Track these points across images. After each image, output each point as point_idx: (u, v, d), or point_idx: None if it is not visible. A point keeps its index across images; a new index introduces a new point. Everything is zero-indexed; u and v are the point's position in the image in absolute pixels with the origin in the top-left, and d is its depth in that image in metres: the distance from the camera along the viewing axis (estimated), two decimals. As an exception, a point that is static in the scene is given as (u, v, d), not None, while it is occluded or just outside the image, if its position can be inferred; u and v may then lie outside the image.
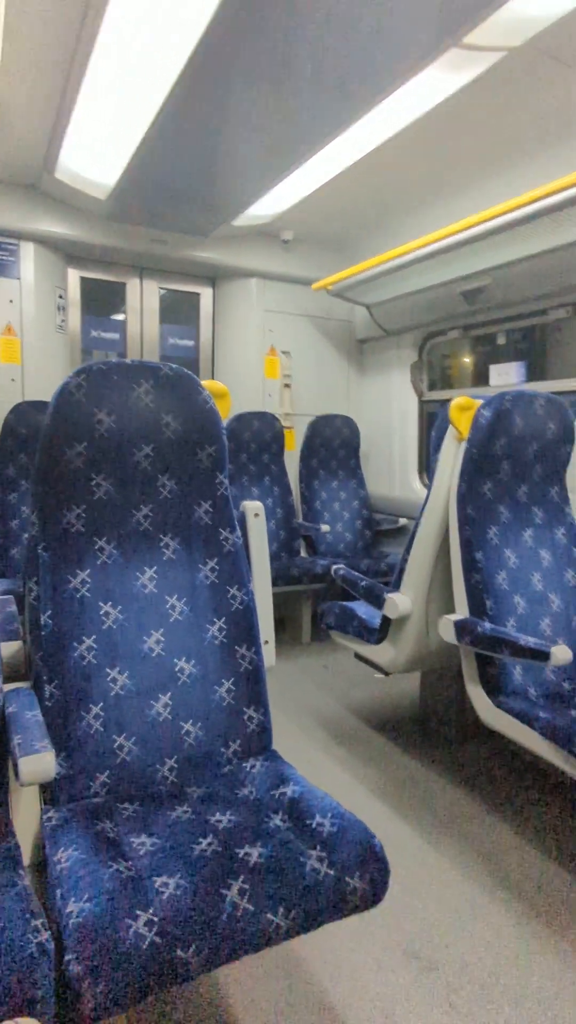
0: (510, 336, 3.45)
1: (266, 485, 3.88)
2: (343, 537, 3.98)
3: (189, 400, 1.47)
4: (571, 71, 2.09)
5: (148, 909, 0.96)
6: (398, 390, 4.04)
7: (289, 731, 2.63)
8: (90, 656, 1.35)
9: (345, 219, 3.55)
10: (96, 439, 1.40)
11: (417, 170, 2.89)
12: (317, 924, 1.04)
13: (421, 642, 2.18)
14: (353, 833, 1.13)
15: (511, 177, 2.75)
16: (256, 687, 1.49)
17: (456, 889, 1.71)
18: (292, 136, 2.54)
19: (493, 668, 1.85)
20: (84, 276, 3.72)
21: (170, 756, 1.37)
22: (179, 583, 1.48)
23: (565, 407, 2.06)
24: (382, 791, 2.18)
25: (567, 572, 2.03)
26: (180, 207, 3.27)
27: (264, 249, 3.86)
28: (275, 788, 1.30)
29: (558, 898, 1.68)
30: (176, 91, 2.20)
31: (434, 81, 2.16)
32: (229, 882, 1.02)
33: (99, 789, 1.30)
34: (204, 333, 4.13)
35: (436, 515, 2.08)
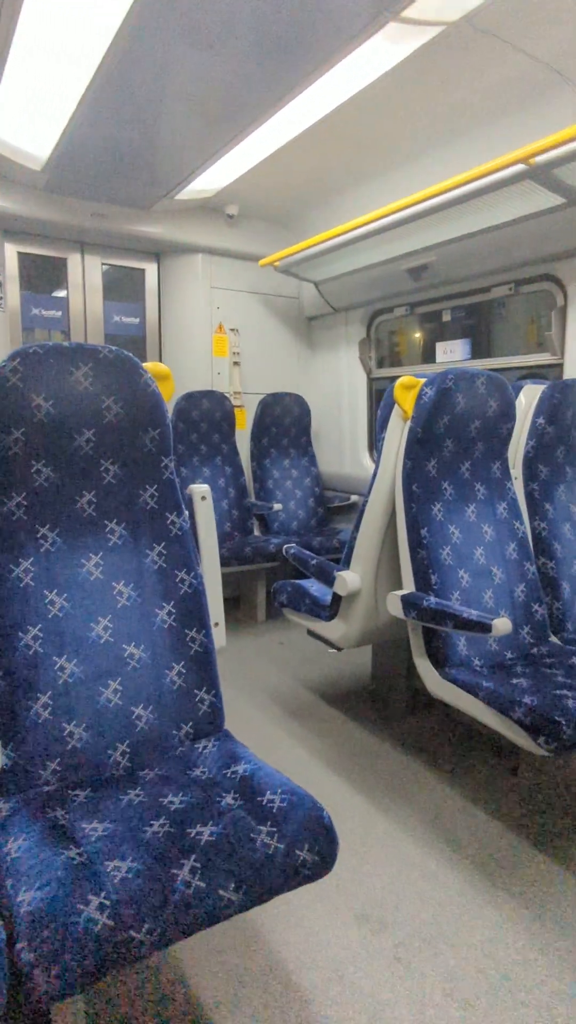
0: (455, 314, 3.49)
1: (217, 465, 3.86)
2: (296, 515, 4.01)
3: (130, 383, 1.45)
4: (507, 47, 2.10)
5: (100, 893, 0.97)
6: (347, 367, 4.06)
7: (245, 709, 2.66)
8: (36, 645, 1.34)
9: (290, 194, 3.51)
10: (34, 425, 1.36)
11: (361, 145, 2.87)
12: (269, 896, 1.08)
13: (371, 617, 2.24)
14: (303, 807, 1.16)
15: (453, 153, 2.76)
16: (207, 669, 1.50)
17: (404, 852, 1.79)
18: (234, 106, 2.48)
19: (439, 641, 1.91)
20: (22, 251, 3.57)
21: (122, 741, 1.38)
22: (126, 568, 1.47)
23: (506, 385, 2.11)
24: (334, 763, 2.24)
25: (508, 545, 2.11)
26: (120, 179, 3.17)
27: (209, 224, 3.78)
28: (227, 767, 1.32)
29: (499, 853, 1.77)
30: (110, 55, 2.11)
31: (374, 53, 2.15)
32: (181, 861, 1.04)
33: (50, 777, 1.29)
34: (150, 310, 4.04)
35: (383, 493, 2.12)
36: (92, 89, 2.32)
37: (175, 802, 1.21)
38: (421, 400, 2.00)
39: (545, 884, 1.66)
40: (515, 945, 1.48)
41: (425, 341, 3.93)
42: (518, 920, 1.55)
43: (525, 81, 2.28)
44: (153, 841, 1.09)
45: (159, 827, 1.13)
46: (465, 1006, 1.33)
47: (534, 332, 3.31)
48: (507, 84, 2.32)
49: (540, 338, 3.12)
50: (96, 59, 2.14)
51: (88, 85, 2.30)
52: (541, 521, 2.23)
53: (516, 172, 2.26)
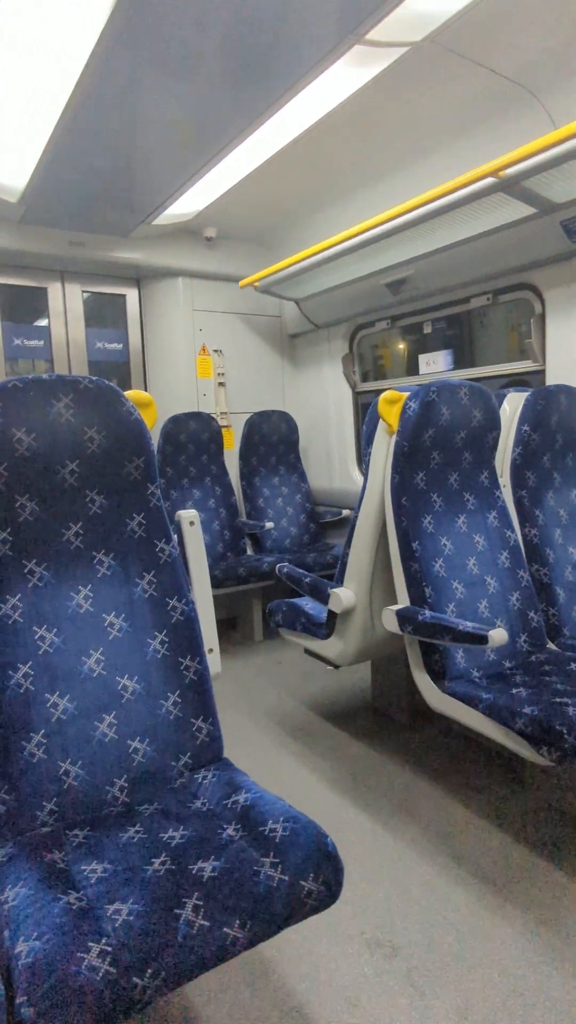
0: (436, 325, 3.52)
1: (207, 486, 3.85)
2: (288, 532, 4.00)
3: (112, 412, 1.44)
4: (472, 64, 2.13)
5: (101, 939, 0.94)
6: (332, 383, 4.07)
7: (245, 731, 2.63)
8: (27, 683, 1.31)
9: (267, 215, 3.54)
10: (16, 459, 1.35)
11: (334, 164, 2.90)
12: (275, 931, 1.05)
13: (368, 633, 2.22)
14: (306, 835, 1.14)
15: (425, 169, 2.80)
16: (203, 697, 1.48)
17: (413, 871, 1.76)
18: (207, 131, 2.50)
19: (437, 654, 1.90)
20: (1, 282, 3.58)
21: (119, 776, 1.35)
22: (116, 599, 1.45)
23: (489, 394, 2.12)
24: (338, 782, 2.21)
25: (501, 554, 2.10)
26: (97, 207, 3.19)
27: (188, 247, 3.81)
28: (227, 798, 1.30)
29: (509, 868, 1.74)
30: (81, 86, 2.13)
31: (342, 76, 2.17)
32: (183, 900, 1.02)
33: (47, 818, 1.27)
34: (133, 335, 4.05)
35: (373, 508, 2.11)
36: (65, 119, 2.34)
37: (175, 837, 1.19)
38: (405, 414, 2.00)
39: (557, 897, 1.64)
40: (530, 962, 1.45)
41: (408, 353, 3.95)
42: (532, 936, 1.52)
43: (491, 96, 2.32)
44: (154, 880, 1.06)
45: (159, 865, 1.10)
46: (482, 1030, 1.30)
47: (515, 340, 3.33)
48: (473, 100, 2.36)
49: (521, 346, 3.14)
50: (67, 89, 2.16)
51: (60, 116, 2.32)
52: (532, 528, 2.23)
53: (487, 185, 2.28)
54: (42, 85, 2.17)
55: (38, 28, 1.87)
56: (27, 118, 2.39)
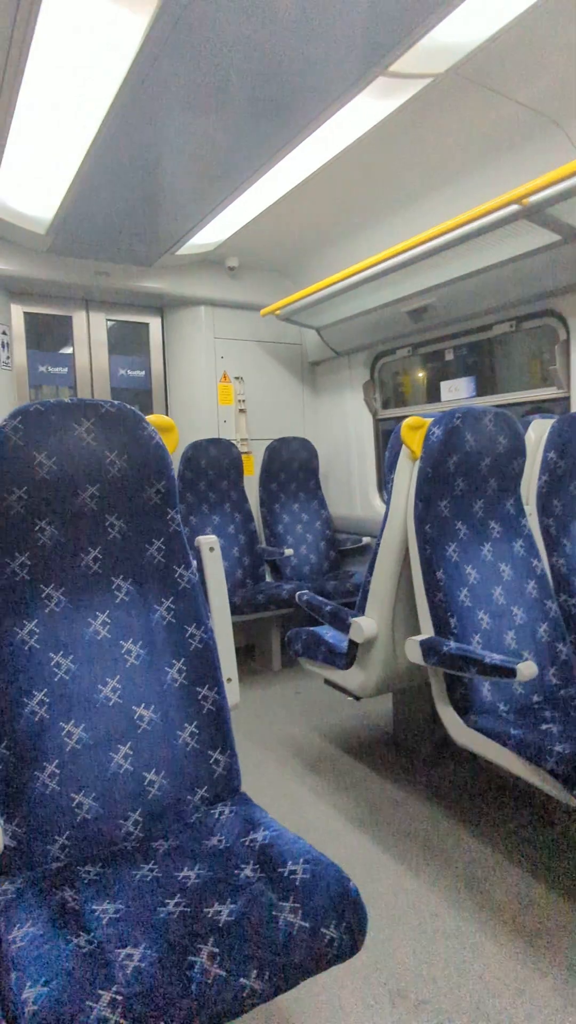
0: (458, 352, 3.51)
1: (227, 512, 3.84)
2: (308, 559, 3.96)
3: (133, 436, 1.43)
4: (494, 95, 2.15)
5: (111, 987, 0.89)
6: (353, 409, 4.07)
7: (263, 763, 2.56)
8: (42, 711, 1.28)
9: (289, 244, 3.59)
10: (37, 483, 1.34)
11: (355, 194, 2.94)
12: (294, 982, 0.99)
13: (390, 664, 2.16)
14: (327, 878, 1.09)
15: (447, 197, 2.81)
16: (221, 728, 1.43)
17: (439, 918, 1.67)
18: (230, 164, 2.55)
19: (462, 687, 1.83)
20: (28, 311, 3.65)
21: (134, 810, 1.31)
22: (134, 626, 1.42)
23: (514, 421, 2.08)
24: (359, 819, 2.13)
25: (528, 584, 2.04)
26: (123, 238, 3.25)
27: (210, 277, 3.86)
28: (245, 835, 1.24)
29: (541, 916, 1.65)
30: (108, 123, 2.19)
31: (365, 107, 2.20)
32: (198, 947, 0.96)
33: (58, 853, 1.22)
34: (155, 363, 4.10)
35: (395, 536, 2.07)
36: (93, 154, 2.40)
37: (191, 877, 1.14)
38: (429, 440, 1.97)
39: (593, 951, 1.54)
40: (566, 1020, 1.36)
41: (429, 380, 3.94)
42: (567, 992, 1.42)
43: (514, 125, 2.33)
44: (168, 923, 1.01)
45: (174, 906, 1.05)
46: None
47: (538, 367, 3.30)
48: (496, 129, 2.37)
49: (545, 372, 3.11)
50: (95, 124, 2.22)
51: (88, 150, 2.38)
52: (559, 557, 2.16)
53: (511, 212, 2.28)
54: (71, 121, 2.23)
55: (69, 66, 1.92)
56: (56, 153, 2.45)
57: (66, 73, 1.96)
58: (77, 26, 1.75)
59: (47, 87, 2.04)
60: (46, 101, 2.12)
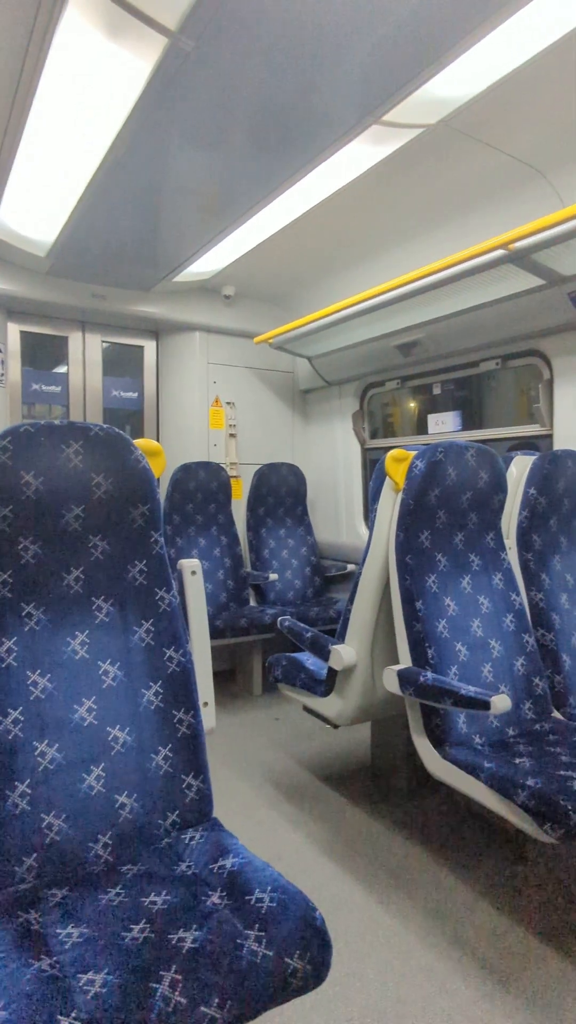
0: (445, 387, 3.58)
1: (213, 535, 3.86)
2: (292, 585, 3.97)
3: (120, 460, 1.46)
4: (483, 146, 2.24)
5: (70, 1013, 0.89)
6: (341, 438, 4.12)
7: (239, 790, 2.54)
8: (16, 729, 1.29)
9: (284, 276, 3.67)
10: (22, 502, 1.36)
11: (349, 231, 3.03)
12: (257, 1012, 0.99)
13: (368, 693, 2.17)
14: (294, 907, 1.09)
15: (437, 239, 2.91)
16: (195, 753, 1.44)
17: (408, 952, 1.66)
18: (229, 198, 2.63)
19: (437, 718, 1.84)
20: (24, 330, 3.70)
21: (104, 832, 1.30)
22: (112, 647, 1.43)
23: (495, 456, 2.13)
24: (332, 850, 2.12)
25: (505, 617, 2.07)
26: (121, 264, 3.32)
27: (206, 304, 3.94)
28: (214, 861, 1.24)
29: (511, 953, 1.64)
30: (112, 155, 2.26)
31: (360, 152, 2.29)
32: (161, 973, 0.96)
33: (25, 875, 1.22)
34: (148, 385, 4.15)
35: (377, 565, 2.10)
36: (95, 182, 2.47)
37: (157, 902, 1.13)
38: (412, 472, 2.01)
39: (561, 988, 1.53)
40: (530, 1063, 1.35)
41: (418, 413, 4.01)
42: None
43: (501, 175, 2.43)
44: (132, 949, 1.01)
45: (139, 932, 1.05)
46: None
47: (524, 404, 3.38)
48: (484, 178, 2.47)
49: (530, 409, 3.18)
50: (100, 154, 2.29)
51: (91, 178, 2.44)
52: (538, 592, 2.20)
53: (496, 256, 2.37)
54: (75, 151, 2.30)
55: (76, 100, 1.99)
56: (59, 180, 2.52)
57: (72, 107, 2.03)
58: (85, 64, 1.82)
59: (54, 119, 2.11)
60: (52, 132, 2.19)
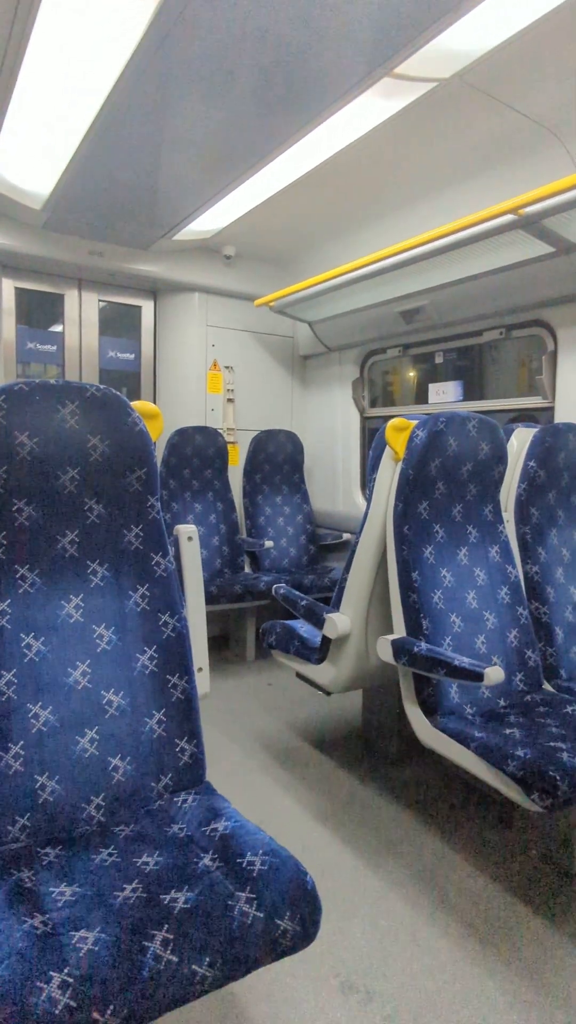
0: (448, 356, 3.53)
1: (209, 501, 3.84)
2: (287, 552, 3.97)
3: (117, 422, 1.43)
4: (497, 104, 2.15)
5: (63, 969, 0.90)
6: (341, 406, 4.08)
7: (231, 754, 2.58)
8: (10, 691, 1.28)
9: (287, 237, 3.57)
10: (17, 463, 1.33)
11: (355, 191, 2.93)
12: (245, 971, 1.01)
13: (361, 661, 2.18)
14: (285, 870, 1.10)
15: (445, 202, 2.82)
16: (188, 718, 1.44)
17: (394, 913, 1.70)
18: (232, 153, 2.53)
19: (430, 687, 1.86)
20: (19, 286, 3.60)
21: (97, 794, 1.31)
22: (107, 611, 1.42)
23: (497, 428, 2.10)
24: (323, 814, 2.15)
25: (501, 590, 2.07)
26: (119, 219, 3.22)
27: (206, 264, 3.84)
28: (206, 824, 1.26)
29: (493, 915, 1.69)
30: (112, 98, 2.16)
31: (369, 107, 2.20)
32: (152, 932, 0.97)
33: (18, 834, 1.23)
34: (146, 346, 4.07)
35: (374, 535, 2.09)
36: (94, 131, 2.37)
37: (149, 863, 1.14)
38: (412, 442, 1.98)
39: (541, 950, 1.58)
40: (510, 1019, 1.39)
41: (418, 382, 3.96)
42: (513, 992, 1.46)
43: (514, 135, 2.34)
44: (124, 908, 1.02)
45: (131, 892, 1.06)
46: None
47: (525, 375, 3.34)
48: (497, 138, 2.38)
49: (531, 381, 3.14)
50: (99, 101, 2.19)
51: (90, 127, 2.34)
52: (533, 565, 2.20)
53: (506, 221, 2.30)
54: (74, 95, 2.20)
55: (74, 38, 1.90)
56: (56, 127, 2.42)
57: (71, 51, 1.93)
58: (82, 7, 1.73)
59: (50, 64, 2.01)
60: (49, 77, 2.09)
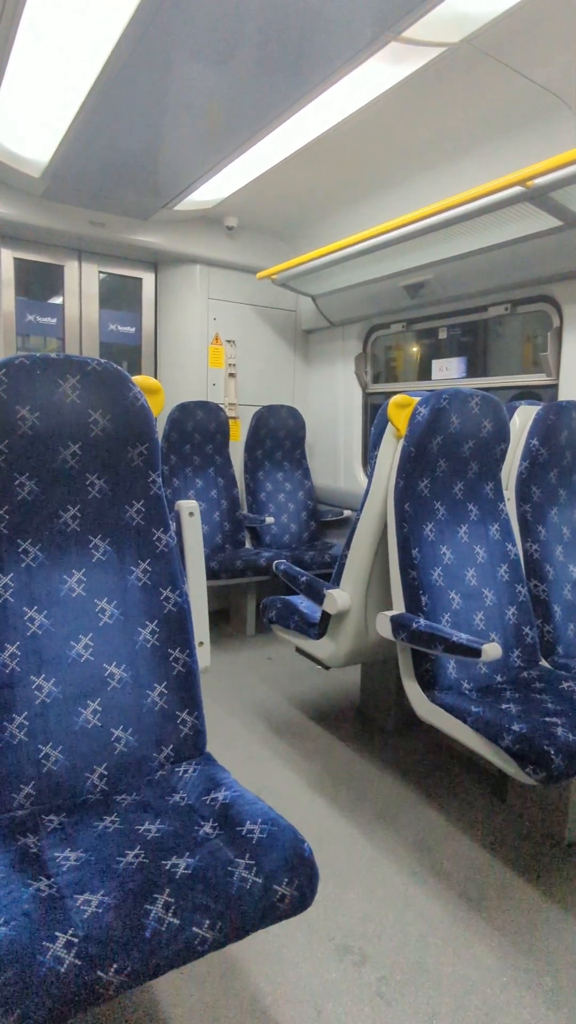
0: (452, 331, 3.49)
1: (210, 476, 3.84)
2: (288, 528, 3.98)
3: (119, 396, 1.42)
4: (507, 70, 2.10)
5: (68, 930, 0.93)
6: (343, 381, 4.05)
7: (231, 727, 2.62)
8: (13, 663, 1.30)
9: (290, 208, 3.51)
10: (18, 437, 1.33)
11: (360, 162, 2.87)
12: (244, 933, 1.04)
13: (360, 637, 2.20)
14: (283, 838, 1.13)
15: (452, 173, 2.77)
16: (190, 690, 1.46)
17: (389, 880, 1.74)
18: (235, 120, 2.48)
19: (428, 663, 1.88)
20: (19, 257, 3.55)
21: (99, 764, 1.34)
22: (109, 586, 1.43)
23: (500, 405, 2.09)
24: (320, 785, 2.20)
25: (500, 567, 2.08)
26: (120, 188, 3.16)
27: (208, 235, 3.78)
28: (207, 793, 1.28)
29: (485, 885, 1.73)
30: (112, 62, 2.10)
31: (376, 72, 2.15)
32: (154, 896, 1.00)
33: (23, 801, 1.25)
34: (147, 319, 4.03)
35: (375, 512, 2.10)
36: (93, 96, 2.31)
37: (151, 830, 1.17)
38: (415, 419, 1.98)
39: (531, 917, 1.62)
40: (500, 981, 1.44)
41: (421, 358, 3.92)
42: (504, 955, 1.51)
43: (524, 104, 2.29)
44: (126, 873, 1.05)
45: (134, 857, 1.09)
46: (447, 1046, 1.29)
47: (530, 352, 3.31)
48: (507, 106, 2.32)
49: (536, 358, 3.11)
50: (98, 65, 2.13)
51: (89, 92, 2.29)
52: (533, 543, 2.21)
53: (514, 194, 2.25)
54: (72, 58, 2.14)
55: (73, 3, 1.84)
56: (55, 91, 2.36)
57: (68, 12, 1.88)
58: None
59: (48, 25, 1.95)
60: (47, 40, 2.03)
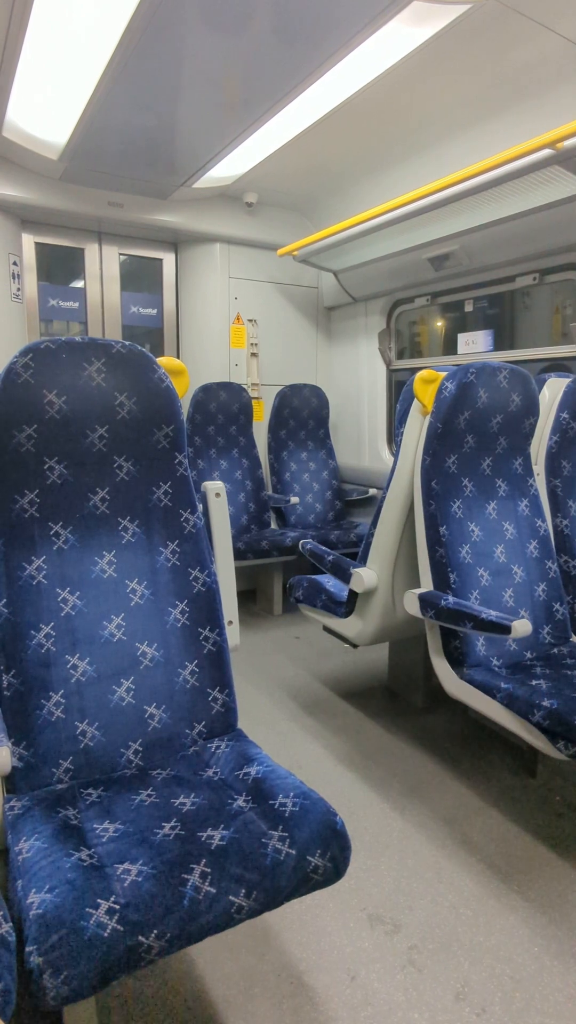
0: (478, 304, 3.42)
1: (234, 457, 3.84)
2: (313, 508, 3.98)
3: (144, 378, 1.43)
4: (537, 27, 2.02)
5: (109, 897, 0.96)
6: (366, 358, 4.00)
7: (261, 703, 2.65)
8: (49, 643, 1.33)
9: (310, 182, 3.45)
10: (47, 421, 1.35)
11: (382, 131, 2.80)
12: (279, 903, 1.06)
13: (388, 615, 2.21)
14: (315, 812, 1.15)
15: (477, 139, 2.69)
16: (220, 668, 1.49)
17: (419, 853, 1.77)
18: (253, 91, 2.43)
19: (457, 640, 1.88)
20: (39, 241, 3.56)
21: (134, 740, 1.37)
22: (139, 567, 1.46)
23: (529, 378, 2.05)
24: (350, 760, 2.22)
25: (529, 544, 2.06)
26: (138, 168, 3.14)
27: (227, 213, 3.74)
28: (239, 768, 1.31)
29: (515, 857, 1.74)
30: (126, 39, 2.07)
31: (397, 35, 2.08)
32: (191, 866, 1.03)
33: (62, 776, 1.29)
34: (168, 301, 4.02)
35: (401, 489, 2.08)
36: (108, 74, 2.29)
37: (186, 803, 1.20)
38: (441, 395, 1.95)
39: (561, 889, 1.63)
40: (530, 951, 1.45)
41: (447, 332, 3.85)
42: (533, 925, 1.52)
43: (553, 62, 2.20)
44: (164, 844, 1.08)
45: (170, 829, 1.12)
46: (479, 1012, 1.31)
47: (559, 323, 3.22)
48: (534, 65, 2.24)
49: (565, 329, 3.04)
50: (112, 43, 2.11)
51: (104, 70, 2.26)
52: (563, 519, 2.17)
53: (543, 157, 2.18)
54: (86, 37, 2.12)
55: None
56: (70, 72, 2.34)
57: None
58: None
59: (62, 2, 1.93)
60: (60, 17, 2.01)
